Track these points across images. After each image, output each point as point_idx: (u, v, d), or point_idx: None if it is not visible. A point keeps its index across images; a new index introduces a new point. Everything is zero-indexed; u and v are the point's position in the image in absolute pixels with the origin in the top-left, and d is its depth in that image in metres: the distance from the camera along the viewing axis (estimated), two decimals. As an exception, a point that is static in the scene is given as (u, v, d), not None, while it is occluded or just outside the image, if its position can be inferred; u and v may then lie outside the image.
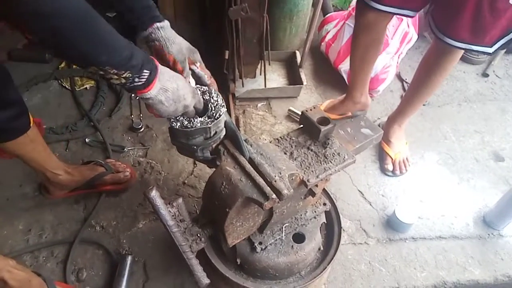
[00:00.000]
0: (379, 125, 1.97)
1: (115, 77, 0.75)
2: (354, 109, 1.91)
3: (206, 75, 1.06)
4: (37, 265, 1.43)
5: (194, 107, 0.94)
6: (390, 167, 1.80)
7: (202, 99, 0.97)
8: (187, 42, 1.02)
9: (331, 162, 1.14)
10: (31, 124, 1.27)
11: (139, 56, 0.77)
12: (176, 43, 0.98)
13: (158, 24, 0.96)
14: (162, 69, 0.83)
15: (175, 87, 0.85)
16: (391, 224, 1.61)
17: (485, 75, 2.41)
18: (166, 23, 0.98)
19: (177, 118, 0.96)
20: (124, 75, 0.76)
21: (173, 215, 1.07)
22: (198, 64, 1.04)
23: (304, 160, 1.14)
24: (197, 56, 1.05)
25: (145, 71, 0.78)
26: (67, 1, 0.65)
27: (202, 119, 0.97)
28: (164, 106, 0.85)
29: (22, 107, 1.23)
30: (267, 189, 0.96)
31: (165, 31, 0.97)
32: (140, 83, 0.78)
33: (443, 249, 1.56)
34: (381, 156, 1.86)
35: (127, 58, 0.75)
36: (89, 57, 0.71)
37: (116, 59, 0.73)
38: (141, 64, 0.77)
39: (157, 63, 0.82)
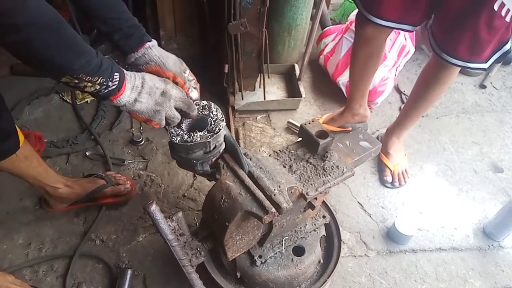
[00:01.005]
0: (377, 137, 1.99)
1: (90, 84, 0.76)
2: (353, 121, 1.93)
3: (193, 79, 1.07)
4: (37, 280, 1.42)
5: (180, 94, 0.92)
6: (389, 179, 1.81)
7: (197, 88, 0.98)
8: (172, 54, 1.03)
9: (330, 175, 1.15)
10: (20, 144, 1.23)
11: (106, 61, 0.78)
12: (170, 59, 1.00)
13: (148, 43, 0.98)
14: (127, 72, 0.84)
15: (142, 81, 0.85)
16: (391, 236, 1.61)
17: (482, 86, 2.43)
18: (154, 42, 1.00)
19: (177, 132, 0.98)
20: (98, 81, 0.77)
21: (172, 229, 1.07)
22: (187, 71, 1.06)
23: (303, 173, 1.15)
24: (184, 64, 1.06)
25: (115, 74, 0.79)
26: (38, 12, 0.66)
27: (201, 133, 0.98)
28: (142, 103, 0.85)
29: (10, 129, 1.19)
30: (267, 203, 0.97)
31: (157, 50, 0.99)
32: (114, 87, 0.80)
33: (443, 261, 1.56)
34: (380, 168, 1.86)
35: (99, 64, 0.76)
36: (63, 66, 0.73)
37: (90, 66, 0.75)
38: (110, 67, 0.78)
39: (121, 67, 0.83)
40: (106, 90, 0.79)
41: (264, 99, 2.05)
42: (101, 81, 0.77)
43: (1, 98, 1.13)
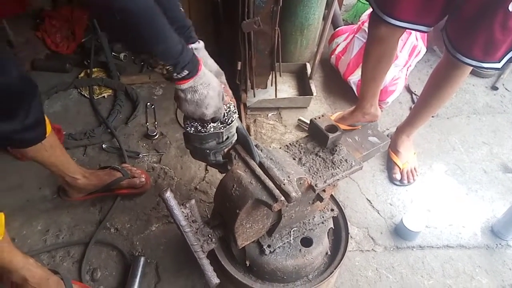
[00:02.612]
0: (387, 136, 2.01)
1: (160, 67, 0.86)
2: (364, 120, 1.95)
3: (228, 95, 1.12)
4: (54, 264, 1.48)
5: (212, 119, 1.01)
6: (398, 176, 1.83)
7: (223, 113, 1.04)
8: (217, 65, 1.11)
9: (339, 168, 1.18)
10: (47, 134, 1.31)
11: (186, 57, 0.87)
12: (207, 65, 1.07)
13: (192, 45, 1.05)
14: (202, 74, 0.93)
15: (204, 93, 0.93)
16: (399, 232, 1.63)
17: (494, 88, 2.43)
18: (200, 44, 1.07)
19: (192, 123, 1.03)
20: (167, 68, 0.86)
21: (186, 216, 1.12)
22: (222, 86, 1.10)
23: (312, 166, 1.18)
24: (223, 78, 1.13)
25: (185, 71, 0.88)
26: (137, 1, 0.76)
27: (215, 124, 1.03)
28: (186, 103, 0.94)
29: (40, 118, 1.27)
30: (276, 192, 1.00)
31: (198, 53, 1.05)
32: (176, 77, 0.89)
33: (450, 257, 1.58)
34: (390, 165, 1.89)
35: (177, 54, 0.85)
36: (148, 45, 0.83)
37: (169, 53, 0.84)
38: (185, 64, 0.87)
39: (200, 67, 0.92)
40: (169, 76, 0.89)
41: (276, 96, 2.09)
42: (170, 69, 0.87)
43: (36, 88, 1.21)
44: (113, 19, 0.76)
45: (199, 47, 1.07)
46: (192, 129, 1.02)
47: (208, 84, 0.94)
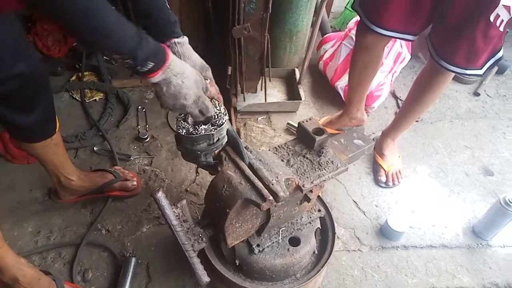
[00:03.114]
0: (373, 139, 2.07)
1: (120, 60, 0.85)
2: (351, 124, 2.01)
3: (214, 90, 1.15)
4: (45, 265, 1.49)
5: (200, 111, 1.01)
6: (383, 178, 1.88)
7: (210, 107, 1.03)
8: (201, 60, 1.12)
9: (325, 169, 1.23)
10: (57, 129, 1.37)
11: (146, 49, 0.85)
12: (191, 60, 1.08)
13: (176, 39, 1.06)
14: (173, 65, 0.91)
15: (179, 84, 0.92)
16: (384, 232, 1.68)
17: (476, 94, 2.52)
18: (184, 39, 1.08)
19: (183, 125, 1.06)
20: (127, 61, 0.85)
21: (177, 216, 1.15)
22: (208, 81, 1.12)
23: (300, 167, 1.23)
24: (209, 73, 1.13)
25: (149, 63, 0.87)
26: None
27: (206, 126, 1.07)
28: (164, 97, 0.93)
29: (52, 112, 1.34)
30: (265, 191, 1.05)
31: (182, 47, 1.07)
32: (142, 70, 0.88)
33: (433, 257, 1.63)
34: (375, 168, 1.94)
35: (132, 47, 0.84)
36: (91, 39, 0.82)
37: (121, 49, 0.83)
38: (146, 56, 0.85)
39: (168, 57, 0.90)
40: (135, 68, 0.87)
41: (265, 101, 2.14)
42: (131, 62, 0.85)
43: (49, 82, 1.26)
44: (65, 19, 0.76)
45: (182, 41, 1.07)
46: (184, 131, 1.06)
47: (182, 73, 0.93)
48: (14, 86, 1.12)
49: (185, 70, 0.94)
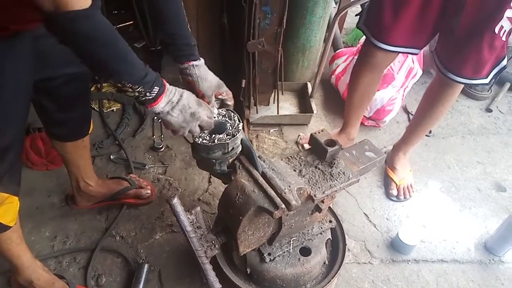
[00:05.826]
0: (385, 153, 2.08)
1: (130, 90, 0.89)
2: (349, 144, 2.01)
3: (229, 97, 1.22)
4: (61, 270, 1.53)
5: (207, 116, 1.04)
6: (394, 192, 1.89)
7: (214, 113, 1.09)
8: (217, 78, 1.19)
9: (337, 180, 1.24)
10: (90, 131, 1.46)
11: (151, 76, 0.91)
12: (207, 81, 1.15)
13: (194, 62, 1.13)
14: (169, 87, 0.96)
15: (179, 99, 0.97)
16: (395, 245, 1.68)
17: (488, 110, 2.52)
18: (201, 62, 1.15)
19: (200, 134, 1.10)
20: (138, 89, 0.89)
21: (191, 222, 1.18)
22: (224, 93, 1.21)
23: (311, 177, 1.25)
24: (224, 87, 1.21)
25: (155, 87, 0.92)
26: (96, 26, 0.79)
27: (221, 136, 1.11)
28: (173, 116, 0.97)
29: (89, 114, 1.43)
30: (277, 200, 1.07)
31: (199, 69, 1.14)
32: (150, 97, 0.92)
33: (444, 272, 1.62)
34: (386, 182, 1.95)
35: (142, 75, 0.89)
36: (113, 71, 0.86)
37: (134, 77, 0.88)
38: (152, 82, 0.91)
39: (165, 83, 0.96)
40: (144, 98, 0.92)
41: (278, 113, 2.18)
42: (141, 90, 0.90)
43: (88, 86, 1.36)
44: (86, 51, 0.81)
45: (199, 64, 1.14)
46: (201, 139, 1.10)
47: (177, 90, 0.97)
48: (62, 83, 1.21)
49: (182, 91, 0.99)
